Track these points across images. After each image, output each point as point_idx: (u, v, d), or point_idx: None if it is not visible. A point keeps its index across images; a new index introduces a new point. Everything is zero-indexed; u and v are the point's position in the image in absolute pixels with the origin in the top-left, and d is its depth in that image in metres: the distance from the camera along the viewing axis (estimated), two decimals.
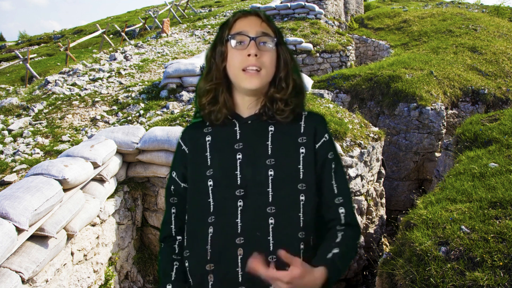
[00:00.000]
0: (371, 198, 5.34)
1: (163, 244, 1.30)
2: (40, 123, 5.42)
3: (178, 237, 1.28)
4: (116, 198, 3.77)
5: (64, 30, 29.27)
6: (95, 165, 3.35)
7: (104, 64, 8.71)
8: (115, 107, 5.89)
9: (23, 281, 2.40)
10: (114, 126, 4.83)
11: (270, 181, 1.13)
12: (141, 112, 5.55)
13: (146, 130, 4.18)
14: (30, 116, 5.80)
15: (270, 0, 16.75)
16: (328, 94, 7.51)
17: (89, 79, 7.49)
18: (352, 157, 4.70)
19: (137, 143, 3.88)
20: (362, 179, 4.97)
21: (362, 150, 4.88)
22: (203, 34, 12.34)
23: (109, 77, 7.56)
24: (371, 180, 5.41)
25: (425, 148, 7.17)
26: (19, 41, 29.42)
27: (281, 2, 14.56)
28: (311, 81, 7.13)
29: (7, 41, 32.90)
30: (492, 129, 4.56)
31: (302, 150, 1.18)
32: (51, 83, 7.38)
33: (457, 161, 4.26)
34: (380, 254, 3.96)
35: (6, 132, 5.15)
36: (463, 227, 2.65)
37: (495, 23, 13.38)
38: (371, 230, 5.32)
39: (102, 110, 5.84)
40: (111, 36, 18.51)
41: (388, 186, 7.33)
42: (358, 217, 4.90)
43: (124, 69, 8.16)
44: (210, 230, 1.14)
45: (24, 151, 4.41)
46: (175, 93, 6.12)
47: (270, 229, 1.10)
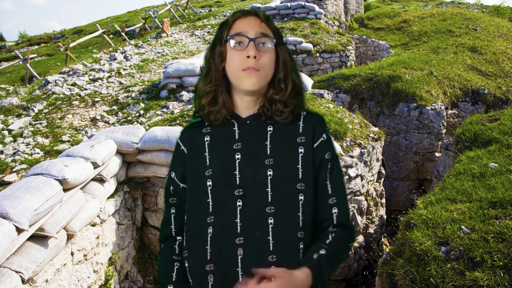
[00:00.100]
0: (371, 198, 5.34)
1: (163, 245, 1.29)
2: (40, 123, 5.43)
3: (178, 238, 1.28)
4: (116, 198, 3.77)
5: (64, 30, 29.28)
6: (95, 165, 3.35)
7: (104, 64, 8.71)
8: (115, 107, 5.89)
9: (23, 281, 2.40)
10: (114, 126, 4.83)
11: (269, 181, 1.13)
12: (141, 112, 5.55)
13: (146, 130, 4.18)
14: (30, 116, 5.80)
15: (270, 0, 16.75)
16: (328, 94, 7.51)
17: (89, 79, 7.49)
18: (352, 157, 4.70)
19: (137, 143, 3.88)
20: (362, 179, 4.97)
21: (362, 150, 4.88)
22: (203, 34, 12.34)
23: (109, 77, 7.56)
24: (371, 180, 5.41)
25: (425, 148, 7.17)
26: (19, 41, 29.42)
27: (281, 2, 14.56)
28: (311, 81, 7.13)
29: (7, 41, 32.90)
30: (492, 129, 4.56)
31: (301, 150, 1.18)
32: (51, 83, 7.39)
33: (457, 161, 4.26)
34: (380, 254, 3.96)
35: (6, 132, 5.15)
36: (463, 227, 2.65)
37: (495, 23, 13.38)
38: (371, 230, 5.32)
39: (102, 110, 5.85)
40: (111, 36, 18.51)
41: (388, 186, 7.33)
42: (358, 217, 4.90)
43: (124, 69, 8.16)
44: (210, 230, 1.14)
45: (24, 151, 4.41)
46: (175, 93, 6.12)
47: (270, 229, 1.11)
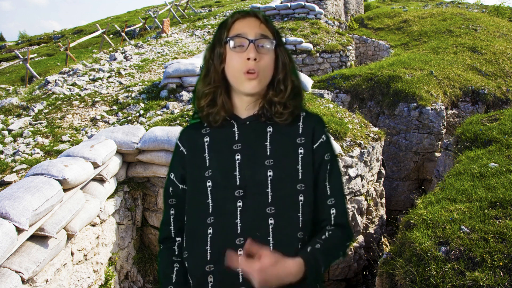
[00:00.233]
0: (371, 198, 5.34)
1: (162, 246, 1.29)
2: (40, 123, 5.42)
3: (178, 239, 1.28)
4: (116, 198, 3.77)
5: (64, 30, 29.27)
6: (95, 165, 3.35)
7: (104, 64, 8.71)
8: (115, 107, 5.89)
9: (23, 281, 2.40)
10: (114, 126, 4.83)
11: (270, 182, 1.13)
12: (141, 112, 5.55)
13: (146, 130, 4.18)
14: (30, 116, 5.80)
15: (270, 0, 16.75)
16: (328, 94, 7.51)
17: (89, 79, 7.49)
18: (352, 157, 4.70)
19: (137, 143, 3.88)
20: (362, 179, 4.97)
21: (362, 150, 4.88)
22: (203, 34, 12.34)
23: (109, 77, 7.56)
24: (371, 180, 5.41)
25: (425, 148, 7.17)
26: (19, 41, 29.42)
27: (281, 2, 14.56)
28: (311, 81, 7.13)
29: (7, 41, 32.90)
30: (492, 129, 4.56)
31: (301, 151, 1.18)
32: (51, 83, 7.38)
33: (457, 161, 4.26)
34: (380, 254, 3.96)
35: (6, 132, 5.15)
36: (463, 227, 2.65)
37: (495, 23, 13.37)
38: (371, 230, 5.32)
39: (102, 110, 5.84)
40: (111, 36, 18.51)
41: (388, 186, 7.33)
42: (358, 217, 4.90)
43: (124, 69, 8.16)
44: (210, 231, 1.14)
45: (24, 151, 4.41)
46: (175, 93, 6.12)
47: (270, 230, 1.11)
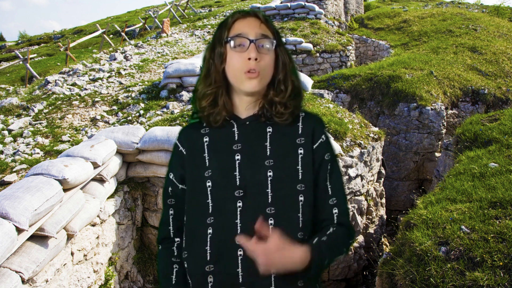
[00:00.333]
0: (371, 198, 5.34)
1: (161, 246, 1.29)
2: (40, 123, 5.42)
3: (177, 239, 1.27)
4: (116, 198, 3.77)
5: (64, 30, 29.27)
6: (95, 165, 3.35)
7: (104, 64, 8.71)
8: (115, 107, 5.89)
9: (23, 281, 2.40)
10: (114, 126, 4.83)
11: (270, 182, 1.13)
12: (141, 112, 5.55)
13: (146, 130, 4.18)
14: (30, 116, 5.80)
15: (270, 0, 16.75)
16: (328, 94, 7.51)
17: (89, 79, 7.49)
18: (352, 157, 4.70)
19: (137, 143, 3.88)
20: (362, 179, 4.97)
21: (362, 150, 4.88)
22: (203, 34, 12.34)
23: (109, 77, 7.56)
24: (371, 180, 5.41)
25: (425, 148, 7.17)
26: (19, 41, 29.42)
27: (281, 2, 14.56)
28: (311, 81, 7.13)
29: (7, 41, 32.90)
30: (492, 129, 4.56)
31: (301, 151, 1.18)
32: (51, 83, 7.38)
33: (457, 161, 4.26)
34: (380, 254, 3.96)
35: (6, 132, 5.15)
36: (463, 227, 2.65)
37: (495, 23, 13.37)
38: (371, 230, 5.32)
39: (102, 110, 5.84)
40: (111, 36, 18.50)
41: (388, 186, 7.33)
42: (358, 217, 4.90)
43: (124, 69, 8.16)
44: (209, 231, 1.13)
45: (24, 151, 4.41)
46: (175, 93, 6.12)
47: (270, 230, 1.10)
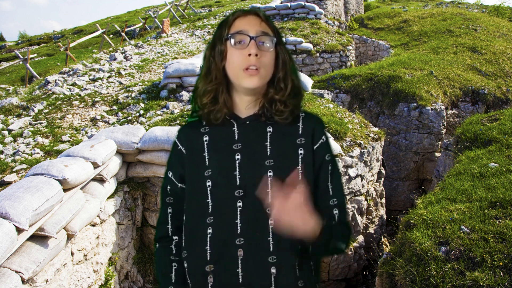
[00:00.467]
0: (371, 198, 5.34)
1: (159, 244, 1.28)
2: (40, 123, 5.42)
3: (175, 237, 1.26)
4: (116, 198, 3.77)
5: (64, 30, 29.27)
6: (95, 165, 3.35)
7: (104, 64, 8.70)
8: (115, 107, 5.89)
9: (23, 281, 2.40)
10: (114, 126, 4.83)
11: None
12: (141, 112, 5.55)
13: (146, 130, 4.18)
14: (30, 116, 5.80)
15: (270, 0, 16.75)
16: (328, 94, 7.51)
17: (89, 79, 7.49)
18: (352, 157, 4.70)
19: (137, 143, 3.88)
20: (362, 179, 4.97)
21: (362, 150, 4.88)
22: (203, 34, 12.34)
23: (109, 77, 7.56)
24: (371, 180, 5.41)
25: (425, 148, 7.17)
26: (19, 41, 29.42)
27: (281, 2, 14.56)
28: (311, 81, 7.12)
29: (7, 41, 32.91)
30: (492, 129, 4.56)
31: (301, 151, 1.18)
32: (51, 83, 7.38)
33: (457, 161, 4.26)
34: (380, 254, 3.96)
35: (6, 132, 5.15)
36: (463, 227, 2.65)
37: (495, 23, 13.37)
38: (371, 230, 5.32)
39: (102, 110, 5.84)
40: (111, 36, 18.51)
41: (388, 186, 7.33)
42: (358, 217, 4.90)
43: (124, 69, 8.16)
44: (209, 231, 1.13)
45: (24, 151, 4.41)
46: (175, 93, 6.12)
47: (270, 230, 1.11)
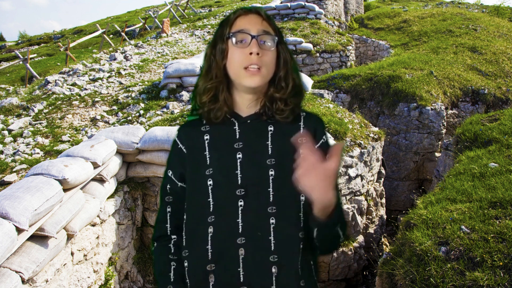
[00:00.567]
0: (371, 198, 5.34)
1: (157, 243, 1.27)
2: (40, 123, 5.42)
3: (173, 236, 1.26)
4: (116, 198, 3.77)
5: (64, 30, 29.27)
6: (95, 165, 3.35)
7: (104, 64, 8.70)
8: (115, 107, 5.89)
9: (23, 281, 2.40)
10: (114, 126, 4.83)
11: (271, 181, 1.13)
12: (141, 112, 5.55)
13: (146, 130, 4.18)
14: (30, 116, 5.80)
15: (270, 0, 16.75)
16: (328, 94, 7.51)
17: (89, 79, 7.49)
18: (352, 157, 4.70)
19: (137, 143, 3.88)
20: (362, 179, 4.97)
21: (362, 150, 4.88)
22: (203, 34, 12.34)
23: (109, 77, 7.56)
24: (371, 180, 5.41)
25: (425, 148, 7.17)
26: (19, 41, 29.41)
27: (281, 2, 14.56)
28: (311, 81, 7.13)
29: (7, 41, 32.90)
30: (492, 129, 4.56)
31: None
32: (51, 83, 7.38)
33: (457, 161, 4.26)
34: (380, 254, 3.96)
35: (6, 132, 5.15)
36: (463, 227, 2.65)
37: (495, 23, 13.38)
38: (371, 230, 5.32)
39: (102, 110, 5.84)
40: (111, 36, 18.50)
41: (388, 186, 7.33)
42: (358, 217, 4.90)
43: (124, 69, 8.16)
44: (210, 230, 1.13)
45: (24, 151, 4.41)
46: (175, 93, 6.12)
47: (271, 229, 1.10)
